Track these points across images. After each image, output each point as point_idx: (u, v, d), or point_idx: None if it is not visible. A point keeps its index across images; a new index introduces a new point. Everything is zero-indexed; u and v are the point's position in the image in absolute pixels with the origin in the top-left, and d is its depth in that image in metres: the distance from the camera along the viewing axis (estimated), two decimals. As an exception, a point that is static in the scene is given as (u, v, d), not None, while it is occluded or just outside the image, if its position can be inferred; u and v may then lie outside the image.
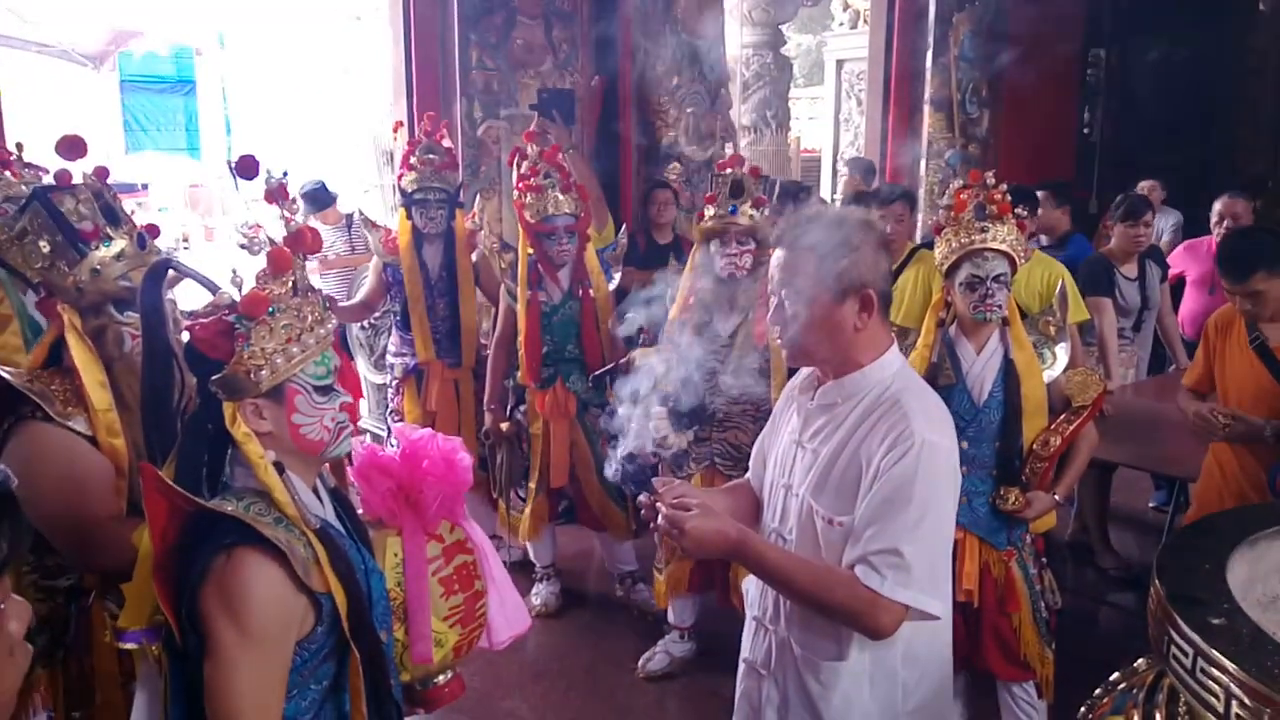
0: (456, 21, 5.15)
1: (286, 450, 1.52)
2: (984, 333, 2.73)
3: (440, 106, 5.11)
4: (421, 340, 4.10)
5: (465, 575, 1.85)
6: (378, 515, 1.79)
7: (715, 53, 6.16)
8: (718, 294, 3.27)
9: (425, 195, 3.99)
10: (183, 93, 14.68)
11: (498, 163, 5.36)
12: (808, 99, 13.96)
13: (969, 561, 2.71)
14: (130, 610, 1.55)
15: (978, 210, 2.69)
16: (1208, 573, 1.27)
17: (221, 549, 1.40)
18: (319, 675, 1.52)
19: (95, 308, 1.98)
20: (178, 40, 13.78)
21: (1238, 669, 1.07)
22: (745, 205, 3.22)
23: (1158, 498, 5.22)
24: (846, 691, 1.79)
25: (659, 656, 3.67)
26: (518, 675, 3.66)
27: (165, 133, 14.49)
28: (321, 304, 1.55)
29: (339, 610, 1.48)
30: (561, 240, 3.71)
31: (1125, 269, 4.59)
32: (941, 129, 7.59)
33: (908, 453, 1.67)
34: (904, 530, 1.65)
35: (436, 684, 1.86)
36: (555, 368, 3.86)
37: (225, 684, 1.39)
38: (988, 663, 2.79)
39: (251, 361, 1.45)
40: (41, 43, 11.79)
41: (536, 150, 3.76)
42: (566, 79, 5.57)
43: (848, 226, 1.77)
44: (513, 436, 4.00)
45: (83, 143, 2.05)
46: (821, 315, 1.74)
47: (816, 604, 1.74)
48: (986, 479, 2.72)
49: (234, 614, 1.38)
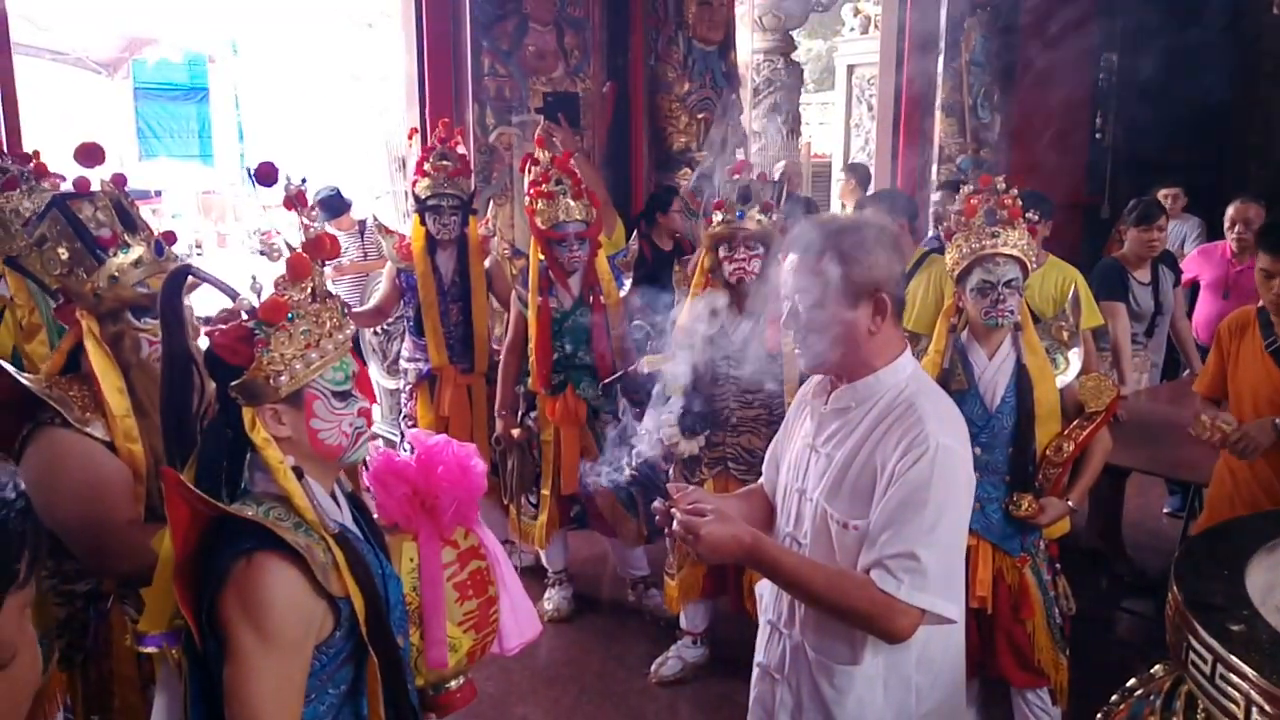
0: (469, 28, 5.17)
1: (305, 455, 1.53)
2: (996, 338, 2.73)
3: (452, 113, 5.13)
4: (435, 346, 4.12)
5: (479, 581, 1.86)
6: (393, 521, 1.79)
7: (726, 59, 6.17)
8: (727, 299, 3.28)
9: (439, 201, 4.00)
10: (196, 100, 14.74)
11: (510, 169, 5.37)
12: (819, 104, 13.95)
13: (982, 568, 2.71)
14: (150, 614, 1.56)
15: (988, 215, 2.69)
16: (1226, 579, 1.26)
17: (241, 553, 1.41)
18: (337, 679, 1.53)
19: (113, 314, 1.99)
20: (191, 48, 13.84)
21: (1258, 675, 1.07)
22: (753, 210, 3.22)
23: (1172, 503, 5.20)
24: (860, 695, 1.79)
25: (671, 662, 3.66)
26: (530, 680, 3.66)
27: (178, 140, 14.56)
28: (340, 310, 1.56)
29: (357, 615, 1.49)
30: (572, 246, 3.71)
31: (1138, 274, 4.58)
32: (953, 134, 7.57)
33: (923, 456, 1.67)
34: (920, 534, 1.65)
35: (449, 689, 1.86)
36: (566, 374, 3.86)
37: (245, 688, 1.39)
38: (1002, 669, 2.78)
39: (271, 367, 1.46)
40: (56, 50, 11.86)
41: (548, 156, 3.77)
42: (578, 85, 5.58)
43: (861, 230, 1.77)
44: (524, 442, 4.01)
45: (101, 150, 2.07)
46: (835, 319, 1.74)
47: (832, 608, 1.74)
48: (999, 485, 2.72)
49: (254, 618, 1.39)
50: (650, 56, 5.90)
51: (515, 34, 5.32)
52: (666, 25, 5.86)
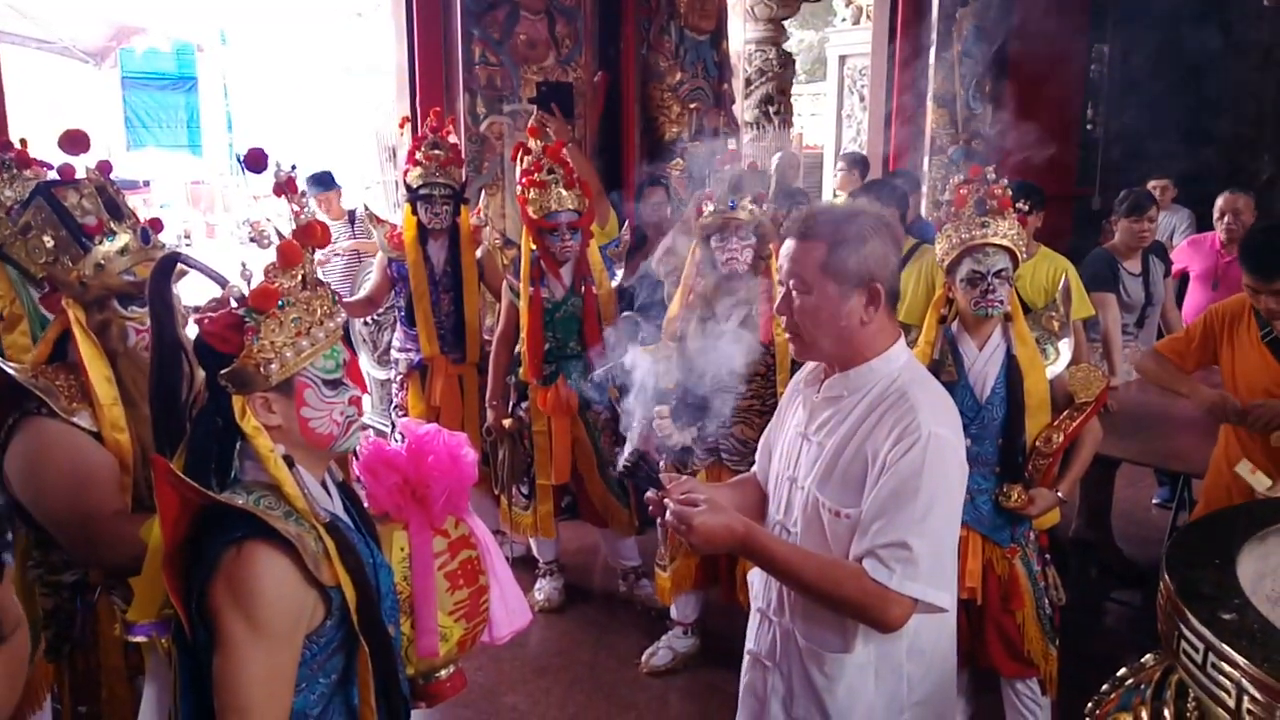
0: (459, 17, 5.14)
1: (295, 444, 1.52)
2: (986, 329, 2.73)
3: (443, 102, 5.10)
4: (426, 335, 4.11)
5: (469, 570, 1.86)
6: (384, 510, 1.79)
7: (718, 48, 6.16)
8: (718, 289, 3.27)
9: (430, 191, 3.99)
10: (184, 89, 14.66)
11: (501, 158, 5.35)
12: (810, 95, 13.93)
13: (972, 559, 2.71)
14: (140, 603, 1.55)
15: (978, 205, 2.68)
16: (1217, 568, 1.26)
17: (232, 542, 1.40)
18: (328, 668, 1.52)
19: (99, 302, 1.97)
20: (179, 37, 13.79)
21: (1249, 663, 1.07)
22: (745, 200, 3.21)
23: (1161, 494, 5.23)
24: (851, 683, 1.80)
25: (662, 652, 3.67)
26: (520, 670, 3.66)
27: (167, 129, 14.48)
28: (330, 298, 1.55)
29: (348, 604, 1.48)
30: (564, 236, 3.70)
31: (1129, 264, 4.59)
32: (944, 125, 7.58)
33: (914, 445, 1.67)
34: (912, 523, 1.65)
35: (439, 678, 1.86)
36: (557, 364, 3.86)
37: (235, 677, 1.39)
38: (992, 660, 2.79)
39: (261, 355, 1.45)
40: (43, 39, 11.79)
41: (540, 145, 3.76)
42: (569, 74, 5.56)
43: (856, 220, 1.77)
44: (515, 433, 4.00)
45: (85, 137, 2.05)
46: (829, 308, 1.75)
47: (825, 598, 1.74)
48: (989, 476, 2.72)
49: (244, 607, 1.38)
50: (642, 46, 5.88)
51: (506, 23, 5.29)
52: (658, 14, 5.84)
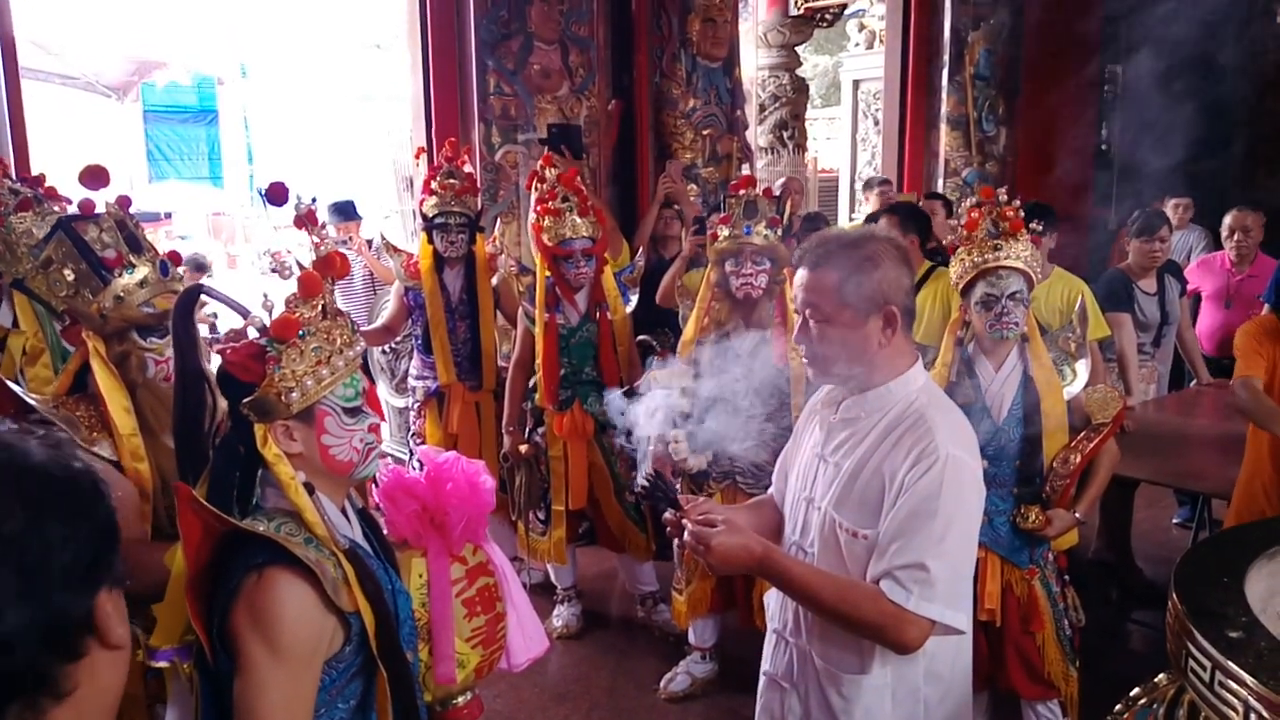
0: (475, 48, 5.21)
1: (316, 471, 1.55)
2: (1002, 350, 2.73)
3: (459, 132, 5.17)
4: (443, 363, 4.14)
5: (487, 597, 1.87)
6: (403, 537, 1.81)
7: (731, 75, 6.21)
8: (733, 314, 3.29)
9: (446, 220, 4.03)
10: (205, 122, 14.86)
11: (516, 187, 5.41)
12: (825, 119, 14.01)
13: (991, 581, 2.70)
14: (163, 628, 1.58)
15: (991, 228, 2.70)
16: (1226, 586, 1.27)
17: (253, 568, 1.42)
18: (347, 694, 1.54)
19: (119, 334, 2.00)
20: (200, 70, 13.98)
21: (1256, 682, 1.08)
22: (759, 225, 3.23)
23: (1182, 514, 5.18)
24: (869, 706, 1.79)
25: (680, 677, 3.66)
26: (540, 697, 3.66)
27: (188, 162, 14.66)
28: (350, 327, 1.59)
29: (367, 630, 1.50)
30: (579, 263, 3.73)
31: (1144, 284, 4.58)
32: (958, 147, 7.60)
33: (932, 467, 1.68)
34: (929, 544, 1.66)
35: (456, 705, 1.87)
36: (573, 390, 3.88)
37: (255, 702, 1.40)
38: (1012, 682, 2.78)
39: (283, 384, 1.48)
40: (66, 75, 11.99)
41: (554, 174, 3.80)
42: (583, 103, 5.62)
43: (867, 245, 1.79)
44: (531, 458, 4.02)
45: (105, 172, 2.09)
46: (847, 335, 1.76)
47: (842, 619, 1.74)
48: (1007, 498, 2.72)
49: (265, 632, 1.40)
50: (655, 74, 5.94)
51: (520, 53, 5.36)
52: (670, 42, 5.90)
